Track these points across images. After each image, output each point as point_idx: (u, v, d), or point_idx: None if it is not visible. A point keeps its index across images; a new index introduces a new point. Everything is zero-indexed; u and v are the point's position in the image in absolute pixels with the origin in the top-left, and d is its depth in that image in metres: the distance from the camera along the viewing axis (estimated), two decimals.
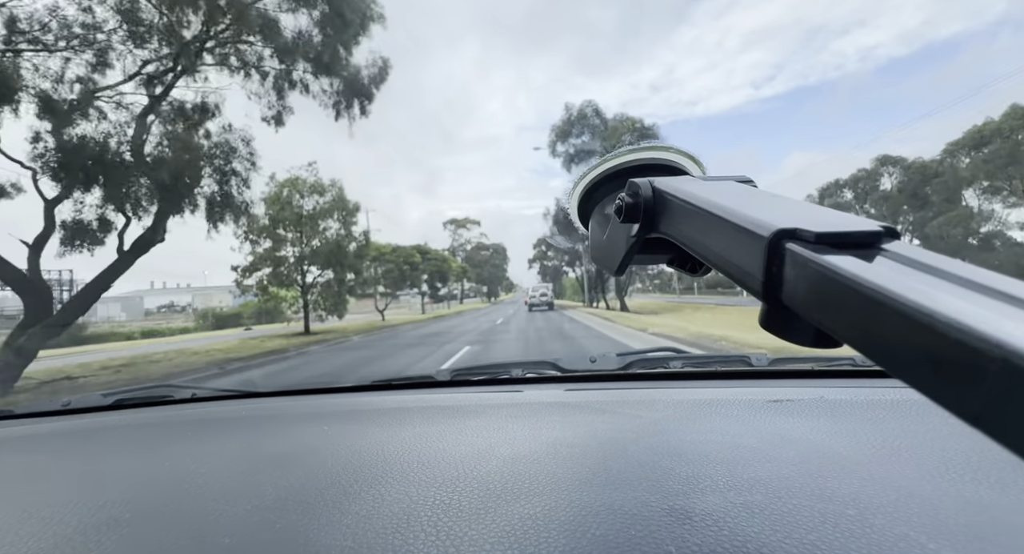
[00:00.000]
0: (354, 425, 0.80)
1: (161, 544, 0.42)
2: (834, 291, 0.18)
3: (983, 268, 0.18)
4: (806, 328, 0.22)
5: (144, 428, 0.88)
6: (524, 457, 0.59)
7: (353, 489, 0.52)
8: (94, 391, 1.38)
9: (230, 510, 0.48)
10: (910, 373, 0.16)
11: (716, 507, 0.44)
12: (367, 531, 0.43)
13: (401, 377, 1.17)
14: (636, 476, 0.51)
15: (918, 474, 0.49)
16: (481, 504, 0.47)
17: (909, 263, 0.19)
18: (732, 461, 0.54)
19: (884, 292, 0.17)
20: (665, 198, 0.30)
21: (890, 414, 0.68)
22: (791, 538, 0.38)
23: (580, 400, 0.87)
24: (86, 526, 0.46)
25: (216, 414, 0.97)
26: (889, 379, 0.81)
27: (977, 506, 0.42)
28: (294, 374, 7.55)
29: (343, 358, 9.39)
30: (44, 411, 1.07)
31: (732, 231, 0.24)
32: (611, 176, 0.42)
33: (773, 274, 0.21)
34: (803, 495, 0.45)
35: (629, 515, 0.43)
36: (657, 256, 0.37)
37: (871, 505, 0.43)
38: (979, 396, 0.14)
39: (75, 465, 0.66)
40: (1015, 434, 0.13)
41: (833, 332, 0.19)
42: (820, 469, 0.51)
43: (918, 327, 0.15)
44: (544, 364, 1.18)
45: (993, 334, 0.14)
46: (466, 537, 0.41)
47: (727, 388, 0.93)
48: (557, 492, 0.48)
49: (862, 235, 0.21)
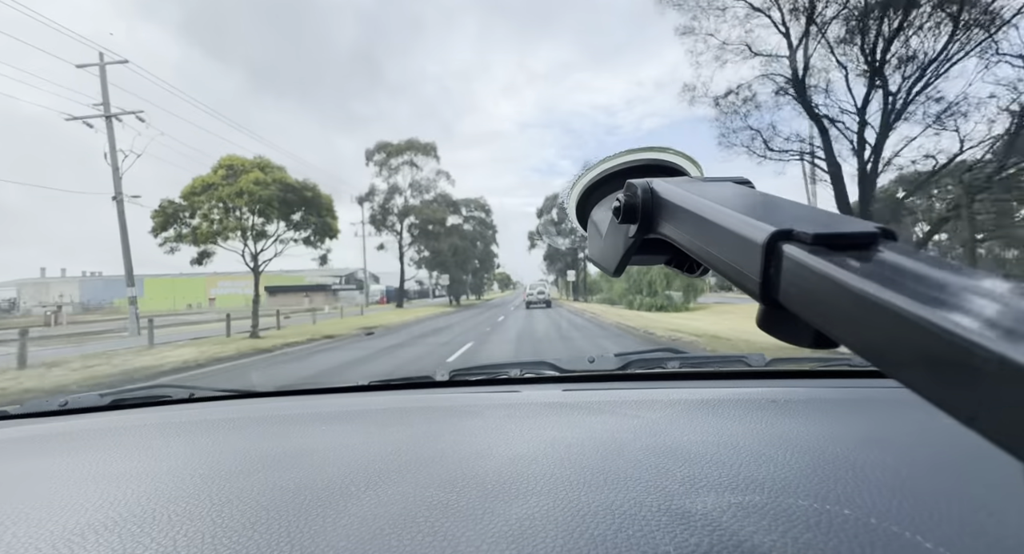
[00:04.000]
0: (352, 425, 0.80)
1: (159, 545, 0.42)
2: (831, 292, 0.18)
3: (979, 269, 0.18)
4: (803, 329, 0.22)
5: (141, 428, 0.87)
6: (522, 457, 0.59)
7: (351, 489, 0.52)
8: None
9: (228, 511, 0.48)
10: (906, 374, 0.16)
11: (714, 507, 0.44)
12: (365, 531, 0.43)
13: (399, 377, 1.17)
14: (634, 476, 0.51)
15: (914, 474, 0.49)
16: (479, 504, 0.47)
17: (905, 264, 0.19)
18: (730, 461, 0.54)
19: (880, 293, 0.17)
20: (663, 199, 0.30)
21: (886, 414, 0.69)
22: (788, 538, 0.38)
23: (578, 400, 0.87)
24: (83, 527, 0.46)
25: (214, 414, 0.97)
26: (885, 379, 0.81)
27: (973, 505, 0.42)
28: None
29: None
30: (40, 411, 1.07)
31: (729, 232, 0.24)
32: (609, 177, 0.42)
33: (770, 275, 0.22)
34: (800, 495, 0.45)
35: (627, 515, 0.43)
36: (655, 257, 0.37)
37: (867, 505, 0.43)
38: (974, 397, 0.14)
39: (72, 466, 0.66)
40: (1010, 435, 0.13)
41: (830, 333, 0.19)
42: (817, 469, 0.51)
43: (914, 328, 0.15)
44: (542, 364, 1.18)
45: (988, 335, 0.14)
46: (464, 537, 0.41)
47: (725, 388, 0.93)
48: (555, 492, 0.48)
49: (859, 236, 0.21)
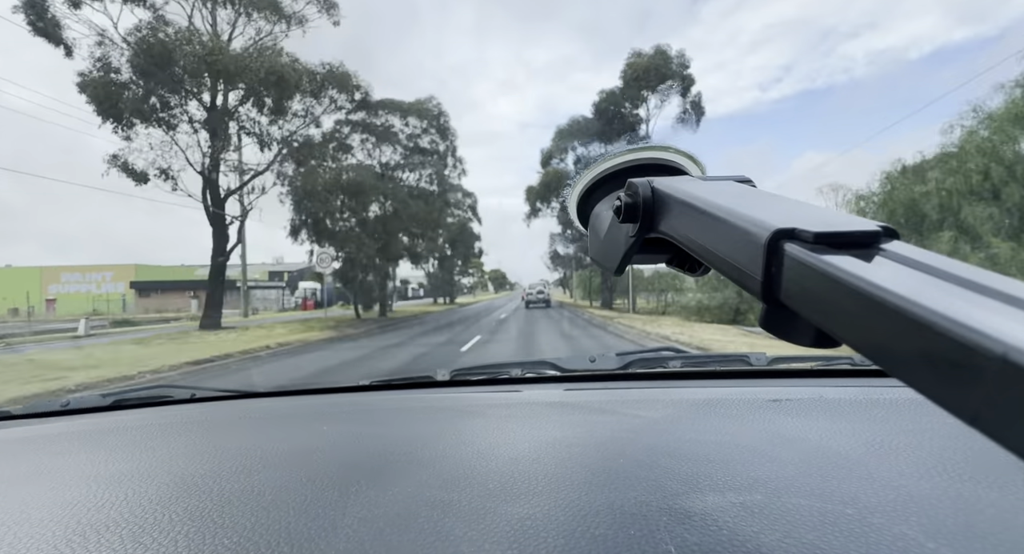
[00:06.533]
0: (353, 425, 0.80)
1: (160, 545, 0.42)
2: (833, 291, 0.18)
3: (981, 268, 0.18)
4: (805, 328, 0.22)
5: (143, 429, 0.88)
6: (523, 457, 0.59)
7: (352, 489, 0.52)
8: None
9: (229, 510, 0.48)
10: (908, 373, 0.16)
11: (715, 507, 0.44)
12: (367, 531, 0.43)
13: (400, 377, 1.17)
14: (635, 476, 0.51)
15: (917, 473, 0.49)
16: (480, 504, 0.47)
17: (908, 263, 0.19)
18: (731, 461, 0.54)
19: (883, 292, 0.17)
20: (664, 198, 0.30)
21: (889, 413, 0.69)
22: (790, 537, 0.38)
23: (579, 400, 0.87)
24: (85, 527, 0.46)
25: (215, 414, 0.97)
26: (888, 378, 0.81)
27: (976, 505, 0.42)
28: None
29: None
30: (42, 412, 1.07)
31: (731, 231, 0.24)
32: (610, 176, 0.42)
33: (772, 274, 0.21)
34: (802, 494, 0.45)
35: (628, 515, 0.43)
36: (656, 256, 0.37)
37: (870, 504, 0.43)
38: (977, 396, 0.14)
39: (74, 466, 0.66)
40: (1013, 434, 0.13)
41: (832, 332, 0.19)
42: (819, 468, 0.51)
43: (916, 327, 0.15)
44: (543, 364, 1.18)
45: (991, 334, 0.14)
46: (466, 537, 0.41)
47: (726, 388, 0.93)
48: (556, 492, 0.48)
49: (861, 235, 0.21)
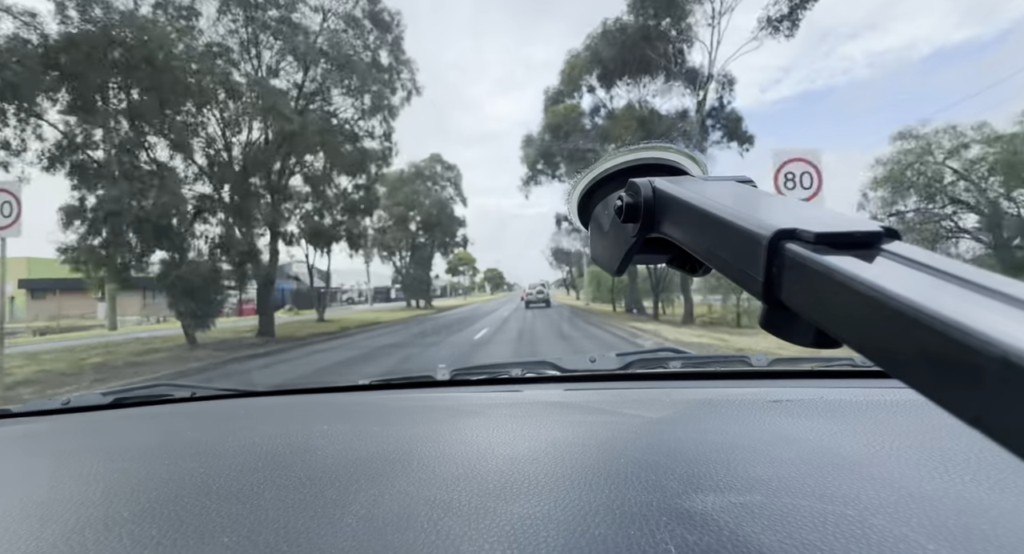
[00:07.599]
0: (353, 424, 0.80)
1: (160, 543, 0.42)
2: (834, 292, 0.18)
3: (982, 269, 0.18)
4: (806, 329, 0.22)
5: (143, 427, 0.88)
6: (523, 457, 0.59)
7: (352, 488, 0.52)
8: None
9: (229, 509, 0.48)
10: (909, 374, 0.16)
11: (716, 507, 0.44)
12: (366, 530, 0.43)
13: (400, 376, 1.17)
14: (635, 476, 0.51)
15: (918, 474, 0.49)
16: (480, 503, 0.47)
17: (908, 263, 0.19)
18: (732, 461, 0.54)
19: (883, 292, 0.17)
20: (665, 198, 0.30)
21: (890, 414, 0.68)
22: (791, 538, 0.38)
23: (580, 400, 0.87)
24: (84, 526, 0.46)
25: (215, 413, 0.97)
26: (888, 379, 0.81)
27: (977, 507, 0.42)
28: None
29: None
30: (42, 410, 1.07)
31: (732, 231, 0.24)
32: (611, 176, 0.42)
33: (773, 274, 0.21)
34: (803, 495, 0.45)
35: (628, 515, 0.43)
36: (657, 256, 0.37)
37: (871, 505, 0.43)
38: (979, 397, 0.14)
39: (74, 464, 0.66)
40: (1015, 435, 0.13)
41: (833, 333, 0.19)
42: (820, 469, 0.51)
43: (917, 328, 0.15)
44: (544, 364, 1.18)
45: (993, 335, 0.13)
46: (465, 536, 0.41)
47: (727, 388, 0.93)
48: (556, 492, 0.48)
49: (862, 235, 0.21)
